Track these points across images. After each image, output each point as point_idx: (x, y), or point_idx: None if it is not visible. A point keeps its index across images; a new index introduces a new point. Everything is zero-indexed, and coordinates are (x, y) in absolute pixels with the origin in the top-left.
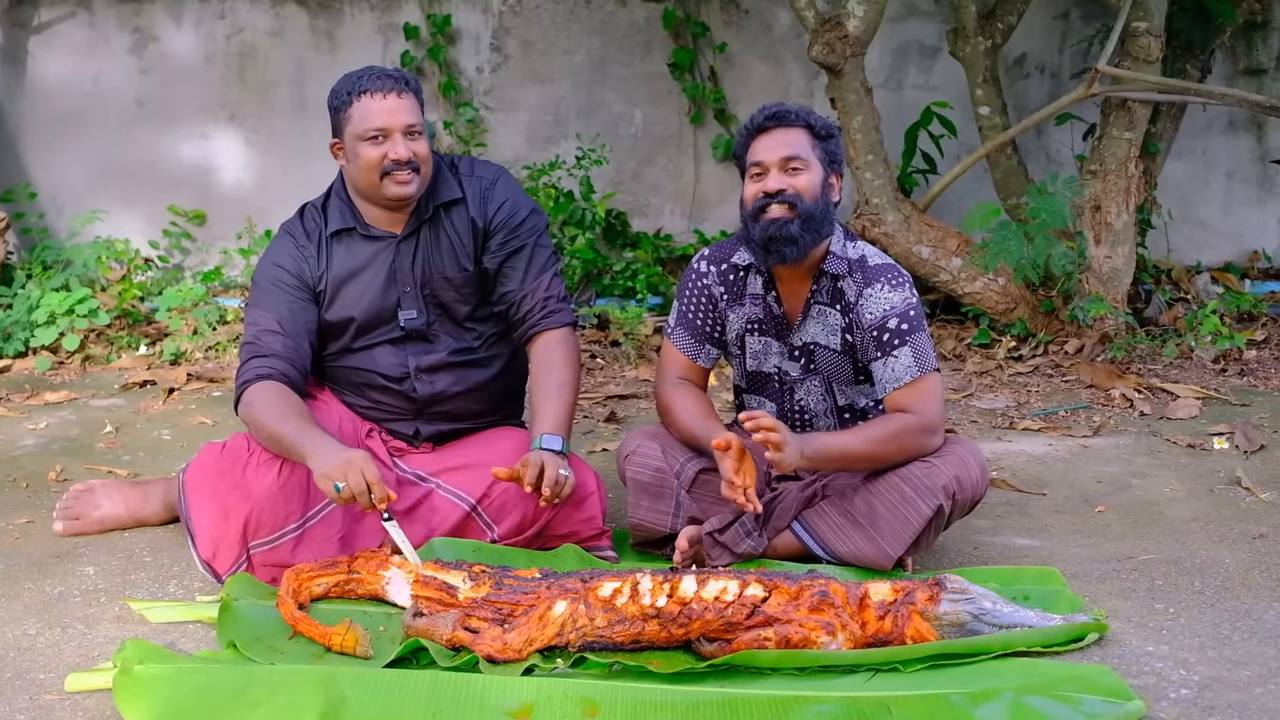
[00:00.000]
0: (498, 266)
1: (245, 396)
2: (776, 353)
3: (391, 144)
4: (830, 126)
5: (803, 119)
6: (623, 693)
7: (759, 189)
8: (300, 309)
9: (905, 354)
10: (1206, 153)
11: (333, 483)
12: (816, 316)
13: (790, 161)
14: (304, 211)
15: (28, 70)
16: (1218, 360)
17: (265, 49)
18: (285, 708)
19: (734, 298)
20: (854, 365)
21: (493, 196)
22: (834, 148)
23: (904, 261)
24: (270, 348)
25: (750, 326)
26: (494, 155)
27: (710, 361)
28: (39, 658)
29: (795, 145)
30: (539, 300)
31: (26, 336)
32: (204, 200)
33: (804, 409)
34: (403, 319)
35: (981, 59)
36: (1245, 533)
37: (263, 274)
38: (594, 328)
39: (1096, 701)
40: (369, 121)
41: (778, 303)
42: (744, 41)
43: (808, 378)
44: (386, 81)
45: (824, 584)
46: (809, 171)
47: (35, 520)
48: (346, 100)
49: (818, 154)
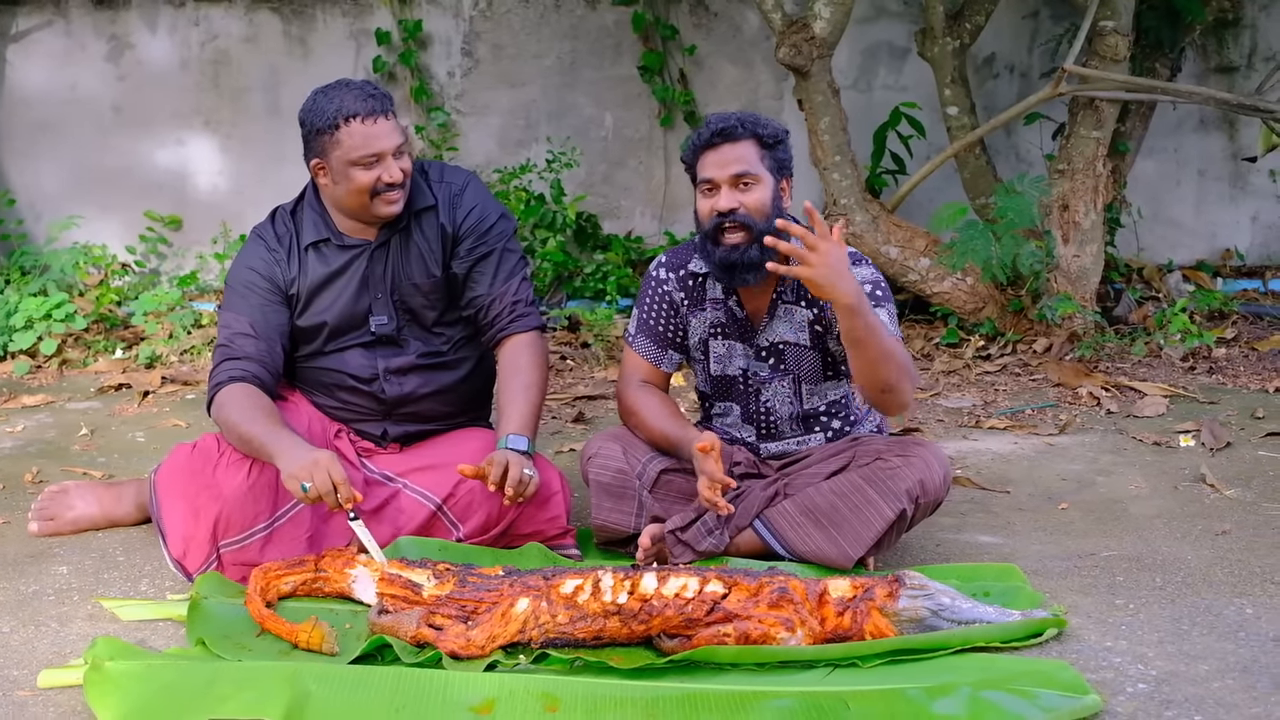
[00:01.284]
0: (466, 271)
1: (218, 398)
2: (741, 355)
3: (384, 167)
4: (778, 132)
5: (750, 130)
6: (583, 688)
7: (711, 206)
8: (272, 312)
9: (883, 314)
10: (1178, 151)
11: (299, 483)
12: (783, 315)
13: (740, 178)
14: (275, 216)
15: (5, 78)
16: (1186, 358)
17: (239, 55)
18: (251, 703)
19: (694, 303)
20: (823, 359)
21: (462, 202)
22: (783, 154)
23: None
24: (243, 350)
25: (713, 330)
26: (465, 159)
27: (672, 366)
28: (12, 655)
29: (744, 160)
30: (507, 304)
31: (4, 341)
32: (180, 205)
33: (769, 411)
34: (374, 324)
35: (949, 59)
36: (1208, 529)
37: (235, 277)
38: (565, 329)
39: (1053, 696)
40: (364, 148)
41: (740, 306)
42: (713, 44)
43: (776, 377)
44: (372, 103)
45: (783, 581)
46: (759, 187)
47: (11, 521)
48: (333, 123)
49: (767, 164)
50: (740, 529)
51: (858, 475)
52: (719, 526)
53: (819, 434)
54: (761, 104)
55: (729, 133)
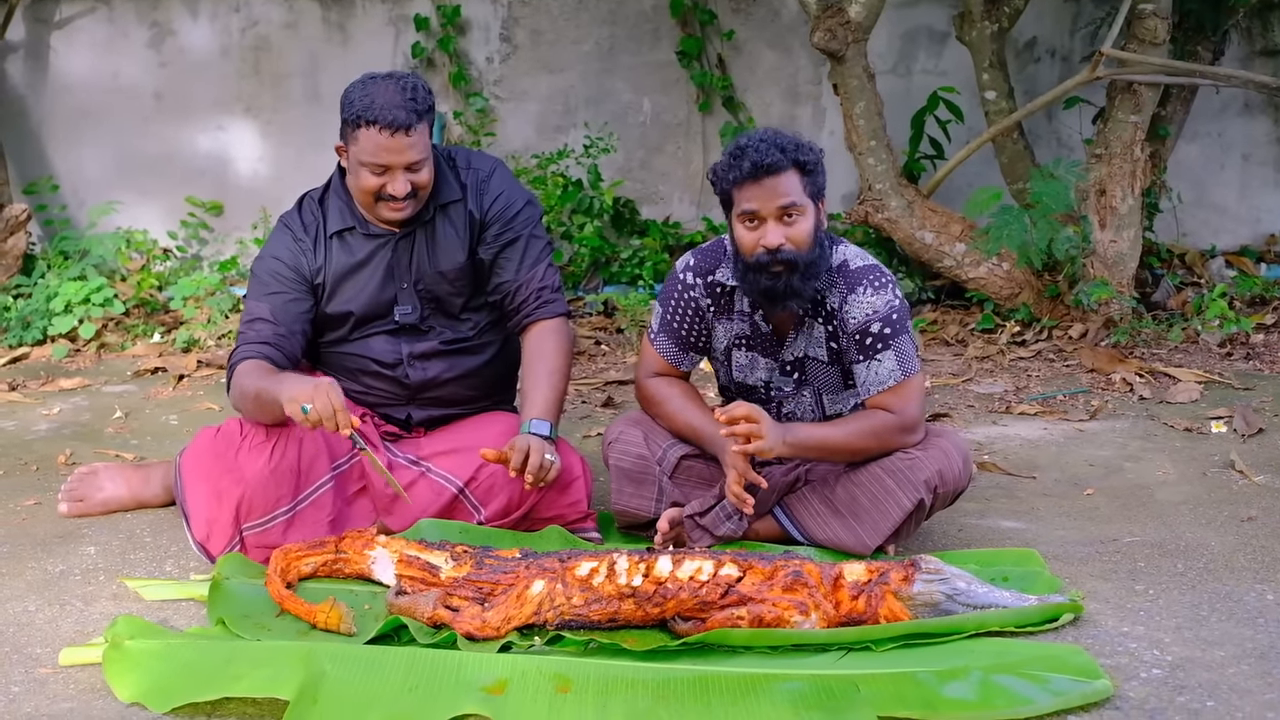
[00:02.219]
0: (493, 257)
1: (231, 381)
2: (764, 368)
3: (391, 179)
4: (815, 154)
5: (790, 158)
6: (595, 670)
7: (757, 240)
8: (294, 302)
9: (889, 358)
10: (1222, 135)
11: (300, 405)
12: (806, 331)
13: (787, 210)
14: (302, 204)
15: (50, 65)
16: (1224, 344)
17: (279, 42)
18: (266, 681)
19: (721, 310)
20: (842, 372)
21: (489, 189)
22: (820, 177)
23: (907, 247)
24: (260, 335)
25: (737, 341)
26: (503, 145)
27: (691, 366)
28: (36, 633)
29: (789, 192)
30: (534, 290)
31: (44, 325)
32: (221, 192)
33: (790, 417)
34: (398, 314)
35: (988, 43)
36: (1234, 515)
37: (260, 266)
38: (600, 314)
39: (1064, 680)
40: (372, 156)
41: (765, 321)
42: (751, 29)
43: (799, 391)
44: (398, 116)
45: (798, 564)
46: (804, 218)
47: (42, 502)
48: (356, 120)
49: (809, 191)
50: (759, 515)
51: (877, 465)
52: (737, 512)
53: None
54: (800, 90)
55: (773, 167)
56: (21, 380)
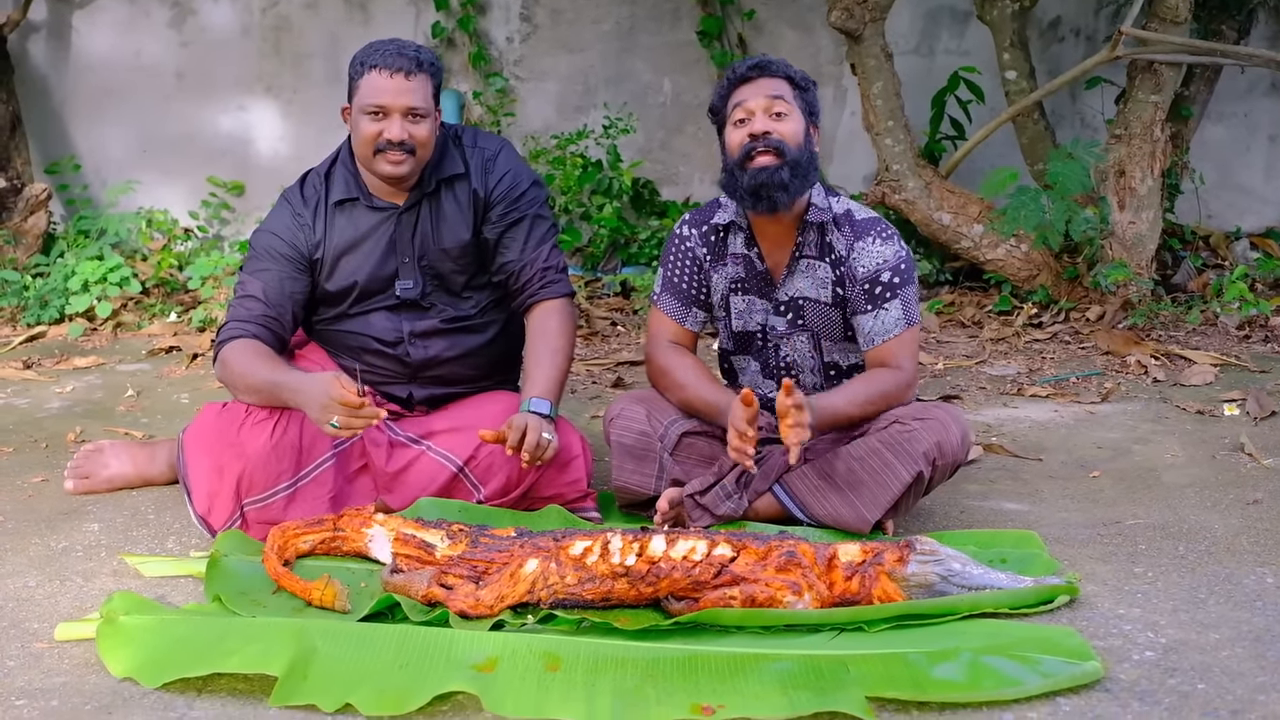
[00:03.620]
0: (498, 237)
1: (220, 357)
2: (761, 310)
3: (389, 123)
4: (808, 79)
5: (783, 70)
6: (585, 648)
7: (744, 133)
8: (288, 279)
9: (895, 307)
10: (1248, 116)
11: (325, 425)
12: (805, 270)
13: (775, 104)
14: (305, 179)
15: (71, 45)
16: (1242, 327)
17: (300, 21)
18: (257, 657)
19: (717, 258)
20: (844, 318)
21: (494, 168)
22: (812, 99)
23: (925, 228)
24: (250, 313)
25: (734, 286)
26: (523, 125)
27: (698, 325)
28: (35, 608)
29: (779, 91)
30: (538, 270)
31: (62, 304)
32: (242, 171)
33: (790, 365)
34: (399, 289)
35: (1009, 23)
36: (1240, 498)
37: (258, 241)
38: (617, 295)
39: (1054, 662)
40: (371, 97)
41: (760, 259)
42: (772, 8)
43: (794, 332)
44: (398, 60)
45: (792, 544)
46: (792, 118)
47: (49, 479)
48: (359, 70)
49: (798, 104)
50: (759, 493)
51: (875, 439)
52: (738, 491)
53: None
54: (822, 70)
55: (765, 66)
56: (36, 358)
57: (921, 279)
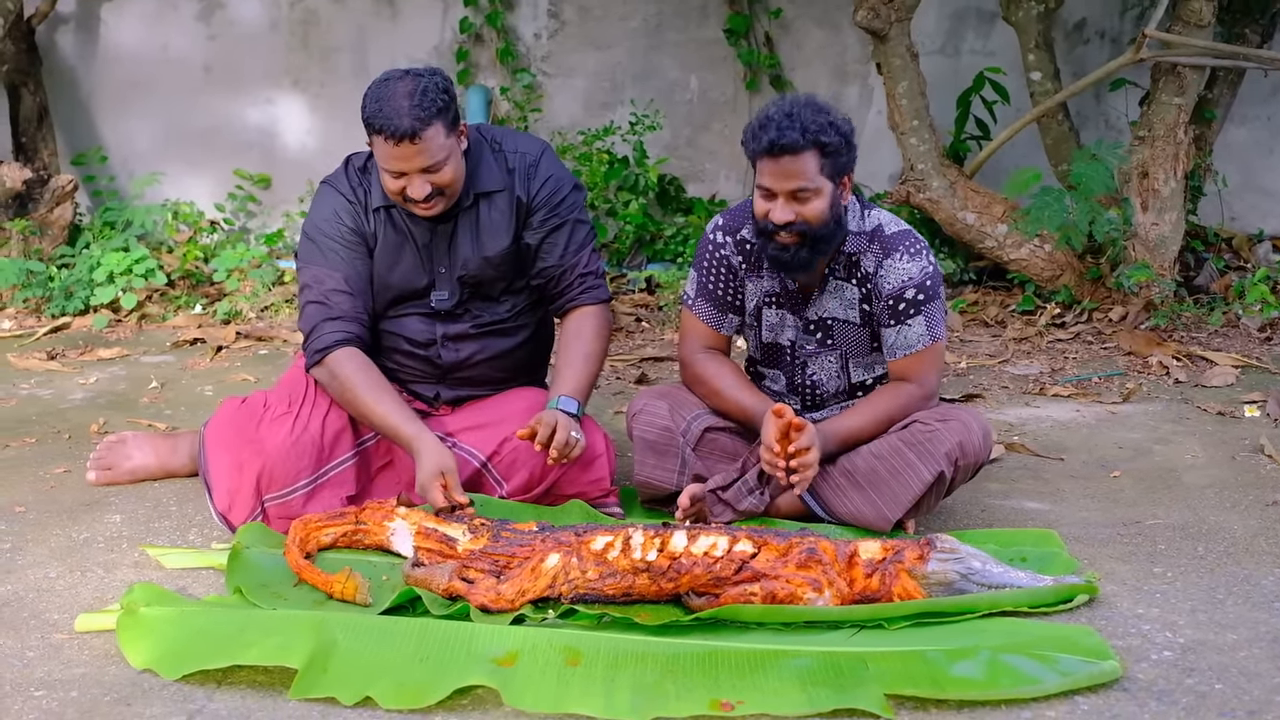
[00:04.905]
0: (538, 242)
1: (328, 362)
2: (792, 326)
3: (408, 182)
4: (840, 134)
5: (812, 140)
6: (606, 643)
7: (767, 210)
8: (360, 263)
9: (919, 323)
10: (1272, 119)
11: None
12: (833, 291)
13: (798, 194)
14: (348, 166)
15: (100, 37)
16: (1264, 329)
17: (328, 15)
18: (276, 649)
19: (751, 267)
20: (872, 335)
21: (537, 173)
22: (845, 158)
23: (949, 228)
24: (341, 308)
25: (767, 299)
26: (550, 121)
27: (731, 330)
28: (56, 599)
29: (804, 174)
30: (578, 275)
31: (87, 295)
32: (269, 164)
33: (815, 384)
34: (434, 299)
35: (1034, 24)
36: (1259, 499)
37: (319, 229)
38: (642, 291)
39: (1073, 660)
40: (385, 163)
41: (792, 279)
42: (799, 7)
43: (822, 352)
44: (402, 124)
45: (813, 541)
46: (818, 198)
47: (72, 470)
48: (367, 126)
49: (827, 172)
50: (781, 490)
51: (897, 438)
52: (760, 487)
53: None
54: (848, 68)
55: (789, 147)
56: (61, 350)
57: (945, 278)
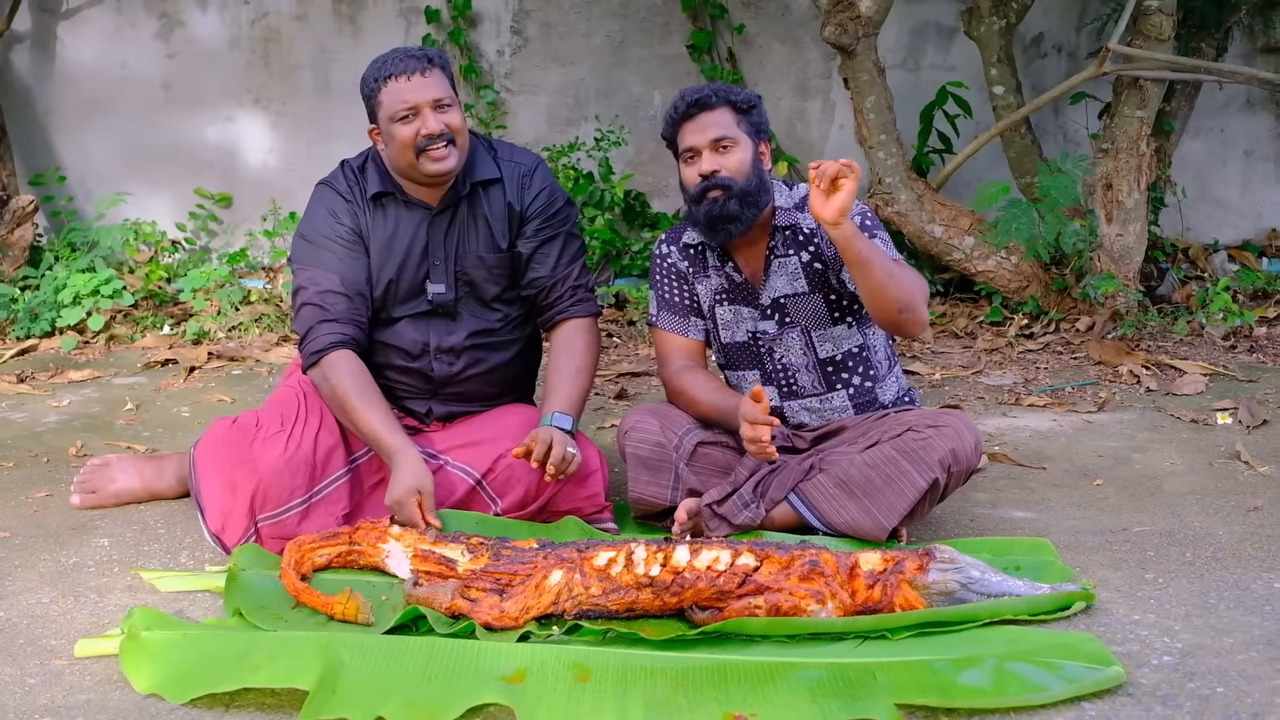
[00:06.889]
0: (531, 252)
1: (322, 364)
2: (749, 318)
3: (422, 120)
4: (751, 98)
5: (724, 98)
6: (614, 659)
7: (695, 172)
8: (357, 264)
9: (882, 239)
10: (1225, 131)
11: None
12: (777, 270)
13: (720, 142)
14: (343, 167)
15: (56, 55)
16: (1228, 337)
17: (289, 33)
18: (284, 671)
19: (698, 270)
20: (826, 300)
21: (531, 184)
22: (758, 118)
23: (917, 240)
24: (336, 310)
25: (718, 298)
26: (514, 137)
27: (700, 334)
28: (51, 625)
29: (722, 125)
30: (568, 288)
31: (53, 317)
32: (230, 183)
33: (786, 367)
34: (431, 292)
35: (995, 38)
36: (1241, 505)
37: (315, 230)
38: (611, 307)
39: (1077, 667)
40: (398, 103)
41: (737, 271)
42: (762, 23)
43: (784, 332)
44: (410, 62)
45: (815, 554)
46: (738, 149)
47: (54, 494)
48: (376, 87)
49: (744, 129)
50: (776, 502)
51: (890, 446)
52: (755, 500)
53: (841, 391)
54: (810, 84)
55: (704, 102)
56: (30, 372)
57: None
